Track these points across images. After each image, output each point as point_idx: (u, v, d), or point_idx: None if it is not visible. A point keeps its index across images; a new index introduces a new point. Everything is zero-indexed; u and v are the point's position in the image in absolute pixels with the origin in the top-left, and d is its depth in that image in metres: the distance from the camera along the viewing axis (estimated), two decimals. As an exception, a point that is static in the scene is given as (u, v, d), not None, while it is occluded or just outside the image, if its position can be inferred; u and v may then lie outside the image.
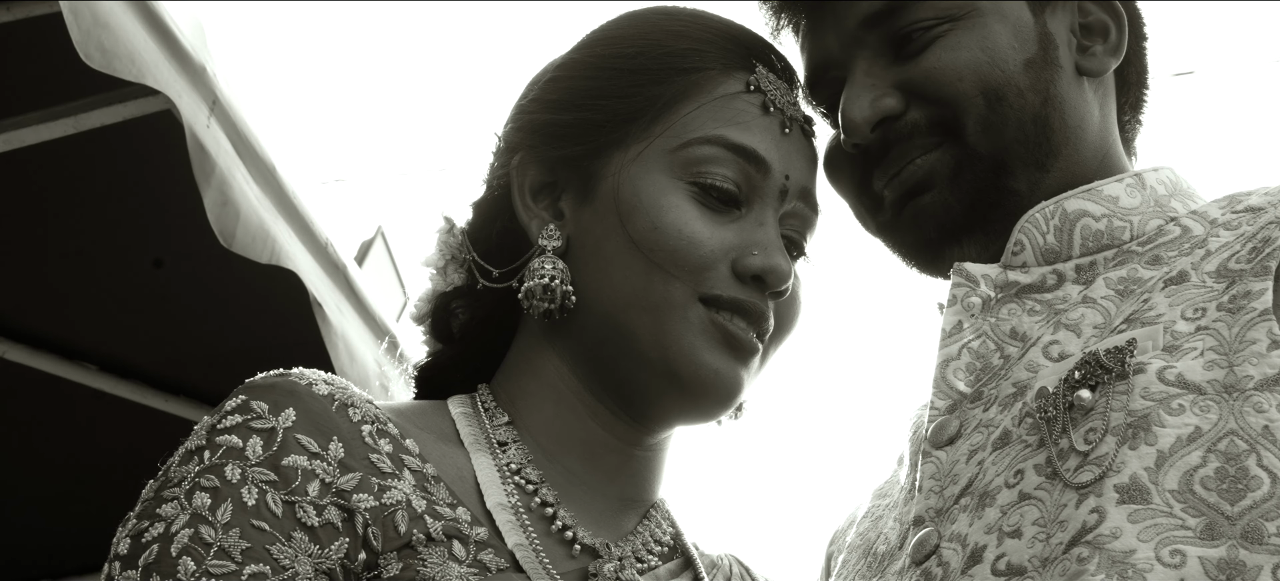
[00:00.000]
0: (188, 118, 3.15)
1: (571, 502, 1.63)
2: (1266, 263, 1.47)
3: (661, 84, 1.65)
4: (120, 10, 3.00)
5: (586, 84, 1.69)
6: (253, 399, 1.51)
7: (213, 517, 1.42)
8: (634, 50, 1.68)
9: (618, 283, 1.62)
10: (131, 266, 3.89)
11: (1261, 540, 1.34)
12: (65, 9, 2.83)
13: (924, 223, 1.68)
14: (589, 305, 1.63)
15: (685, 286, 1.60)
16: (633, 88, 1.66)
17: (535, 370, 1.68)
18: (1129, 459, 1.40)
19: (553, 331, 1.66)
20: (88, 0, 2.90)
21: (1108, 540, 1.37)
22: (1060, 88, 1.68)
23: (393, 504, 1.49)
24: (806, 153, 1.71)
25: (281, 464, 1.46)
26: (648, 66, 1.66)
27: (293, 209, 3.54)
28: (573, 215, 1.66)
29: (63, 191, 3.70)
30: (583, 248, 1.65)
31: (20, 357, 4.18)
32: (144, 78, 3.03)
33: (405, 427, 1.58)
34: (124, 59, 2.98)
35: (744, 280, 1.62)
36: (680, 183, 1.62)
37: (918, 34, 1.67)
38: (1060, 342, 1.57)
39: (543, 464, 1.64)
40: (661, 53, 1.67)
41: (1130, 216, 1.65)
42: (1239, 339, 1.43)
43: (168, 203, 3.59)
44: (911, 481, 1.62)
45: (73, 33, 2.86)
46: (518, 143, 1.71)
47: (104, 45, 2.94)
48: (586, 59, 1.71)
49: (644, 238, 1.61)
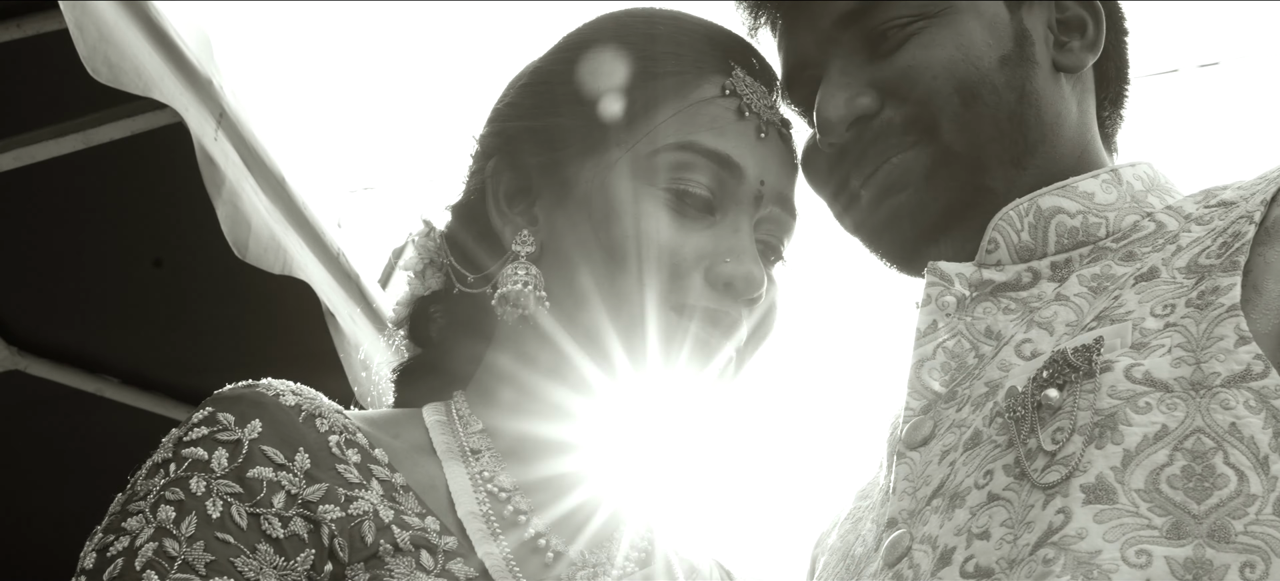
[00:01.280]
0: (195, 130, 3.16)
1: (547, 510, 1.62)
2: (1235, 258, 1.45)
3: (637, 89, 1.64)
4: (126, 25, 3.01)
5: (560, 89, 1.68)
6: (219, 411, 1.51)
7: (177, 530, 1.42)
8: (608, 55, 1.67)
9: (590, 289, 1.61)
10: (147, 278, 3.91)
11: (1228, 538, 1.32)
12: (71, 24, 2.84)
13: (900, 221, 1.66)
14: (562, 311, 1.62)
15: (658, 294, 1.59)
16: (606, 93, 1.65)
17: (510, 376, 1.67)
18: (1095, 458, 1.38)
19: (527, 336, 1.65)
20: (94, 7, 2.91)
21: (1073, 540, 1.35)
22: (1036, 84, 1.66)
23: (359, 514, 1.49)
24: (783, 156, 1.69)
25: (246, 476, 1.46)
26: (623, 72, 1.65)
27: (303, 220, 3.55)
28: (547, 221, 1.66)
29: (77, 205, 3.71)
30: (556, 254, 1.64)
31: (43, 372, 4.22)
32: (151, 91, 3.04)
33: (375, 437, 1.58)
34: (131, 73, 2.98)
35: (717, 287, 1.61)
36: (654, 189, 1.61)
37: (892, 32, 1.66)
38: (1033, 341, 1.55)
39: (517, 471, 1.63)
40: (637, 57, 1.66)
41: (1106, 212, 1.63)
42: (1207, 335, 1.41)
43: (182, 214, 3.60)
44: (887, 483, 1.61)
45: (79, 47, 2.87)
46: (492, 148, 1.71)
47: (111, 60, 2.94)
48: (560, 64, 1.70)
49: (617, 245, 1.60)
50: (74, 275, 3.92)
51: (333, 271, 3.71)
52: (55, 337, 4.14)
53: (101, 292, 3.96)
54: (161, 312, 4.02)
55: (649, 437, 1.68)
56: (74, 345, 4.16)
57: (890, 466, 1.60)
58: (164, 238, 3.75)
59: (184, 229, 3.60)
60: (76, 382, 4.21)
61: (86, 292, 3.97)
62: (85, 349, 4.18)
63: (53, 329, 4.10)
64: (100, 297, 3.98)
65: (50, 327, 4.12)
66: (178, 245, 3.74)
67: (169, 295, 3.97)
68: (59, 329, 4.12)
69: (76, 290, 3.97)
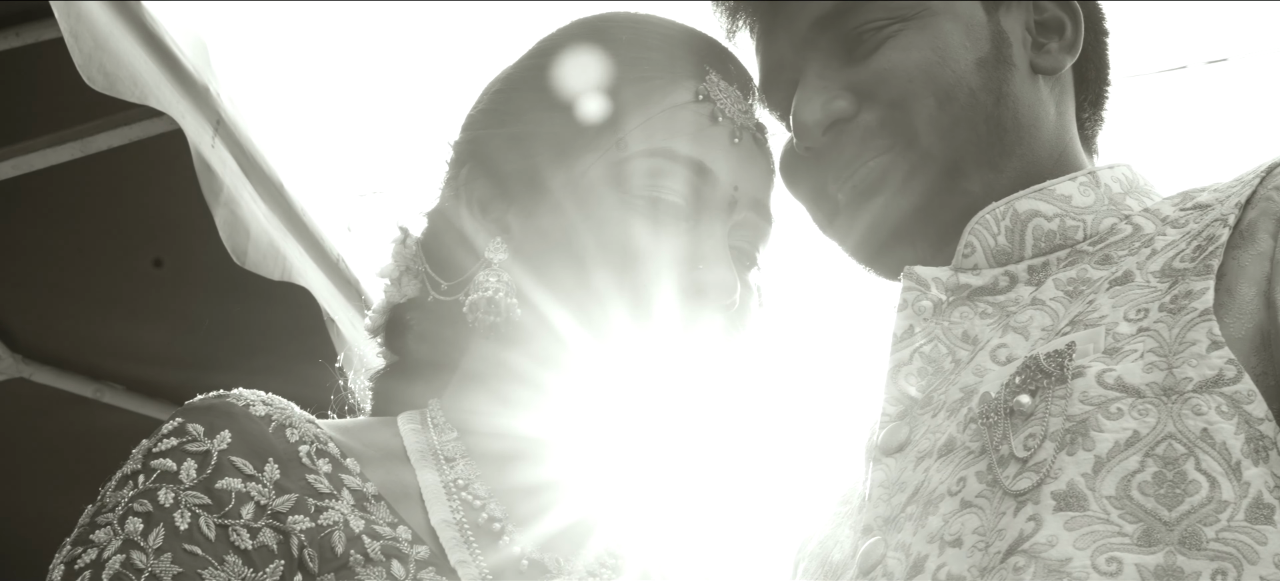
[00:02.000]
0: (192, 138, 3.16)
1: (522, 517, 1.61)
2: (1208, 262, 1.43)
3: (608, 96, 1.63)
4: (122, 33, 3.01)
5: (532, 95, 1.67)
6: (189, 421, 1.50)
7: (144, 542, 1.41)
8: (581, 60, 1.66)
9: (563, 296, 1.60)
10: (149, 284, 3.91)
11: (1200, 545, 1.30)
12: (66, 32, 2.84)
13: (876, 225, 1.65)
14: (535, 318, 1.61)
15: (630, 302, 1.58)
16: (579, 99, 1.64)
17: (484, 383, 1.66)
18: (1066, 465, 1.37)
19: (501, 344, 1.64)
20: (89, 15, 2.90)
21: (1044, 548, 1.34)
22: (1013, 86, 1.64)
23: (329, 525, 1.48)
24: (758, 161, 1.68)
25: (215, 487, 1.45)
26: (594, 78, 1.64)
27: (302, 226, 3.55)
28: (520, 228, 1.64)
29: (77, 212, 3.72)
30: (529, 261, 1.63)
31: (47, 379, 4.23)
32: (147, 99, 3.04)
33: (348, 446, 1.57)
34: (127, 81, 2.98)
35: (690, 294, 1.60)
36: (627, 195, 1.60)
37: (868, 35, 1.64)
38: (1008, 346, 1.54)
39: (492, 478, 1.62)
40: (609, 63, 1.65)
41: (1083, 215, 1.62)
42: (1179, 340, 1.40)
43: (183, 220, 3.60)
44: (864, 489, 1.60)
45: (74, 56, 2.86)
46: (465, 155, 1.70)
47: (106, 68, 2.94)
48: (533, 69, 1.69)
49: (589, 252, 1.59)
50: (76, 282, 3.92)
51: (333, 277, 3.71)
52: (58, 345, 4.15)
53: (103, 299, 3.96)
54: (164, 319, 4.02)
55: (625, 443, 1.67)
56: (77, 352, 4.17)
57: (867, 473, 1.59)
58: (165, 244, 3.75)
59: (186, 234, 3.60)
60: (80, 389, 4.22)
61: (88, 299, 3.98)
62: (88, 356, 4.19)
63: (56, 336, 4.11)
64: (102, 304, 3.98)
65: (53, 335, 4.13)
66: (179, 251, 3.74)
67: (171, 301, 3.97)
68: (62, 336, 4.13)
69: (79, 297, 3.98)
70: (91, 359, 4.18)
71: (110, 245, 3.76)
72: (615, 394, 1.61)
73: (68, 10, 2.83)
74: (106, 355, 4.17)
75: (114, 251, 3.79)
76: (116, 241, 3.77)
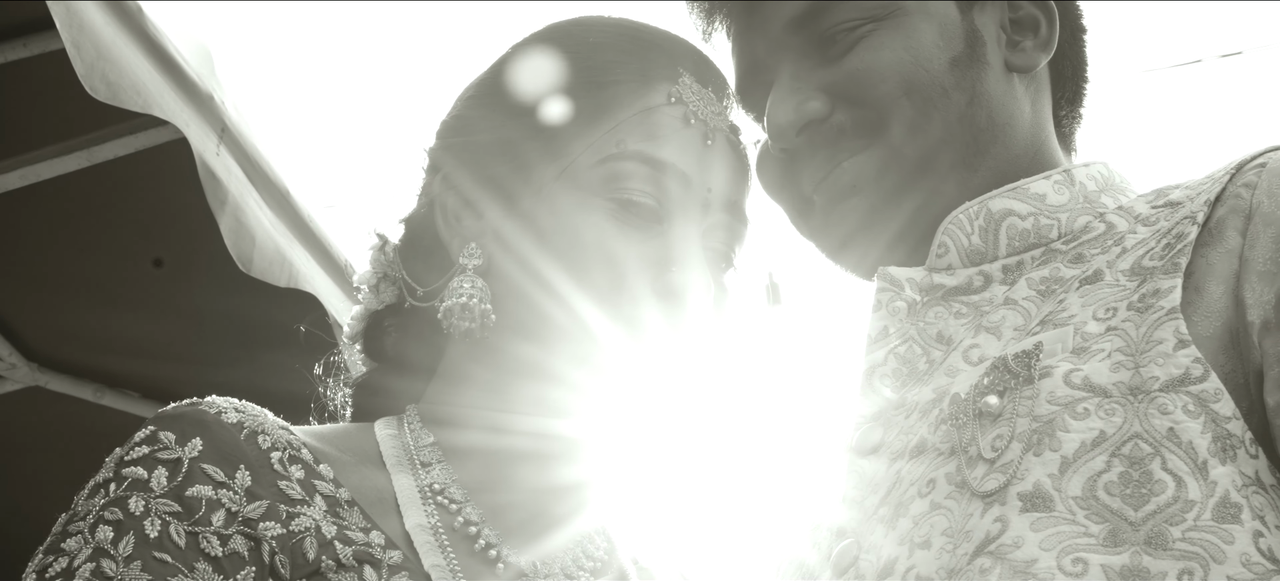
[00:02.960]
0: (197, 146, 3.17)
1: (499, 521, 1.61)
2: (1177, 260, 1.42)
3: (581, 99, 1.63)
4: (124, 42, 3.02)
5: (505, 101, 1.67)
6: (161, 429, 1.51)
7: (114, 551, 1.41)
8: (553, 66, 1.66)
9: (537, 301, 1.59)
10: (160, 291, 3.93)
11: (1166, 545, 1.29)
12: (68, 43, 2.85)
13: (852, 226, 1.64)
14: (510, 323, 1.61)
15: (604, 305, 1.57)
16: (551, 104, 1.63)
17: (461, 389, 1.66)
18: (1033, 466, 1.36)
19: (476, 349, 1.64)
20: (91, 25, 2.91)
21: (1010, 549, 1.33)
22: (987, 85, 1.63)
23: (301, 531, 1.48)
24: (732, 163, 1.67)
25: (185, 494, 1.45)
26: (567, 82, 1.64)
27: (308, 232, 3.56)
28: (494, 234, 1.64)
29: (83, 222, 3.74)
30: (503, 266, 1.63)
31: (62, 388, 4.26)
32: (150, 108, 3.05)
33: (322, 452, 1.57)
34: (129, 90, 2.99)
35: (664, 296, 1.59)
36: (599, 199, 1.60)
37: (842, 35, 1.64)
38: (980, 346, 1.53)
39: (468, 482, 1.62)
40: (581, 67, 1.65)
41: (1058, 214, 1.61)
42: (1146, 339, 1.39)
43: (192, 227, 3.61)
44: (838, 490, 1.59)
45: (76, 65, 2.87)
46: (440, 162, 1.70)
47: (109, 78, 2.95)
48: (506, 76, 1.69)
49: (562, 256, 1.59)
50: (88, 289, 3.94)
51: (340, 283, 3.71)
52: (73, 354, 4.17)
53: (114, 305, 3.98)
54: (175, 324, 4.04)
55: (602, 444, 1.67)
56: (90, 359, 4.19)
57: (842, 474, 1.58)
58: (174, 250, 3.76)
59: (197, 241, 3.61)
60: (95, 397, 4.24)
61: (100, 307, 4.00)
62: (101, 362, 4.21)
63: (69, 344, 4.14)
64: (113, 310, 4.00)
65: (68, 344, 4.16)
66: (189, 257, 3.75)
67: (182, 306, 3.99)
68: (76, 345, 4.16)
69: (90, 304, 4.00)
70: (105, 365, 4.20)
71: (124, 253, 3.78)
72: (591, 395, 1.60)
73: (70, 20, 2.85)
74: (120, 361, 4.19)
75: (123, 258, 3.80)
76: (130, 249, 3.78)
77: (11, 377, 4.22)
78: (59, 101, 3.39)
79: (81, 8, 2.87)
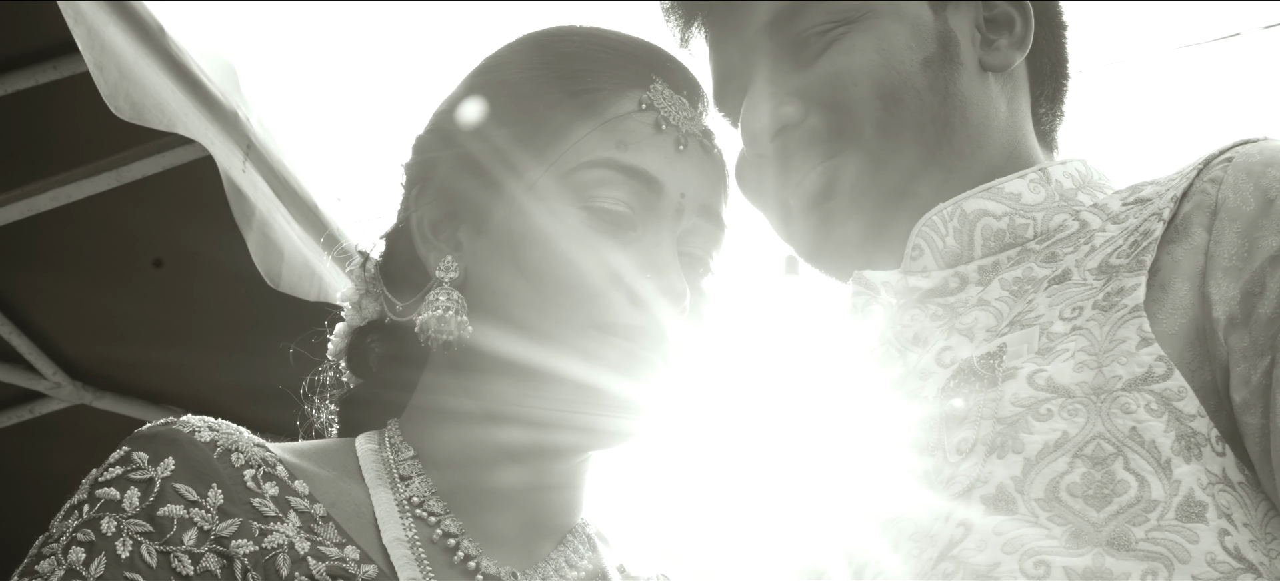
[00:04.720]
0: (222, 163, 3.19)
1: (479, 533, 1.61)
2: (1141, 257, 1.40)
3: (553, 109, 1.63)
4: (147, 62, 3.05)
5: (478, 114, 1.67)
6: (134, 450, 1.52)
7: (86, 571, 1.43)
8: (524, 76, 1.66)
9: (514, 312, 1.59)
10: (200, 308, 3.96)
11: (1128, 546, 1.27)
12: (91, 64, 2.88)
13: (828, 229, 1.63)
14: (487, 336, 1.61)
15: (580, 314, 1.57)
16: (523, 115, 1.63)
17: (440, 402, 1.66)
18: (996, 469, 1.35)
19: (455, 363, 1.64)
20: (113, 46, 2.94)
21: (972, 553, 1.32)
22: (960, 85, 1.61)
23: (273, 548, 1.49)
24: (706, 168, 1.66)
25: (157, 514, 1.46)
26: (538, 92, 1.64)
27: (337, 246, 3.57)
28: (470, 247, 1.64)
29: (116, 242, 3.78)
30: (479, 279, 1.63)
31: (108, 406, 4.30)
32: (175, 127, 3.08)
33: (299, 468, 1.58)
34: (154, 110, 3.02)
35: (639, 303, 1.58)
36: (573, 208, 1.59)
37: (813, 39, 1.62)
38: (953, 348, 1.51)
39: (449, 496, 1.62)
40: (553, 76, 1.64)
41: (1033, 213, 1.58)
42: (1109, 337, 1.37)
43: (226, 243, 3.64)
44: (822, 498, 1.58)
45: (101, 87, 2.90)
46: (416, 176, 1.70)
47: (133, 98, 2.98)
48: (478, 88, 1.69)
49: (536, 267, 1.58)
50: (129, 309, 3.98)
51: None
52: (114, 371, 4.22)
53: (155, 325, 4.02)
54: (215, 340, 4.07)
55: (581, 453, 1.66)
56: (134, 378, 4.24)
57: (825, 481, 1.57)
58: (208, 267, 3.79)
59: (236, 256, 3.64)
60: (141, 414, 4.28)
61: (141, 326, 4.04)
62: (145, 380, 4.25)
63: (112, 363, 4.18)
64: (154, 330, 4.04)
65: (113, 364, 4.20)
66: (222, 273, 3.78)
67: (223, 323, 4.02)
68: (121, 363, 4.20)
69: (132, 324, 4.04)
70: (149, 383, 4.24)
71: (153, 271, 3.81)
72: (570, 404, 1.60)
73: (92, 41, 2.87)
74: (160, 377, 4.23)
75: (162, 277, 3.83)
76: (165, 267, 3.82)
77: (57, 396, 4.27)
78: (91, 123, 3.42)
79: (104, 29, 2.90)
